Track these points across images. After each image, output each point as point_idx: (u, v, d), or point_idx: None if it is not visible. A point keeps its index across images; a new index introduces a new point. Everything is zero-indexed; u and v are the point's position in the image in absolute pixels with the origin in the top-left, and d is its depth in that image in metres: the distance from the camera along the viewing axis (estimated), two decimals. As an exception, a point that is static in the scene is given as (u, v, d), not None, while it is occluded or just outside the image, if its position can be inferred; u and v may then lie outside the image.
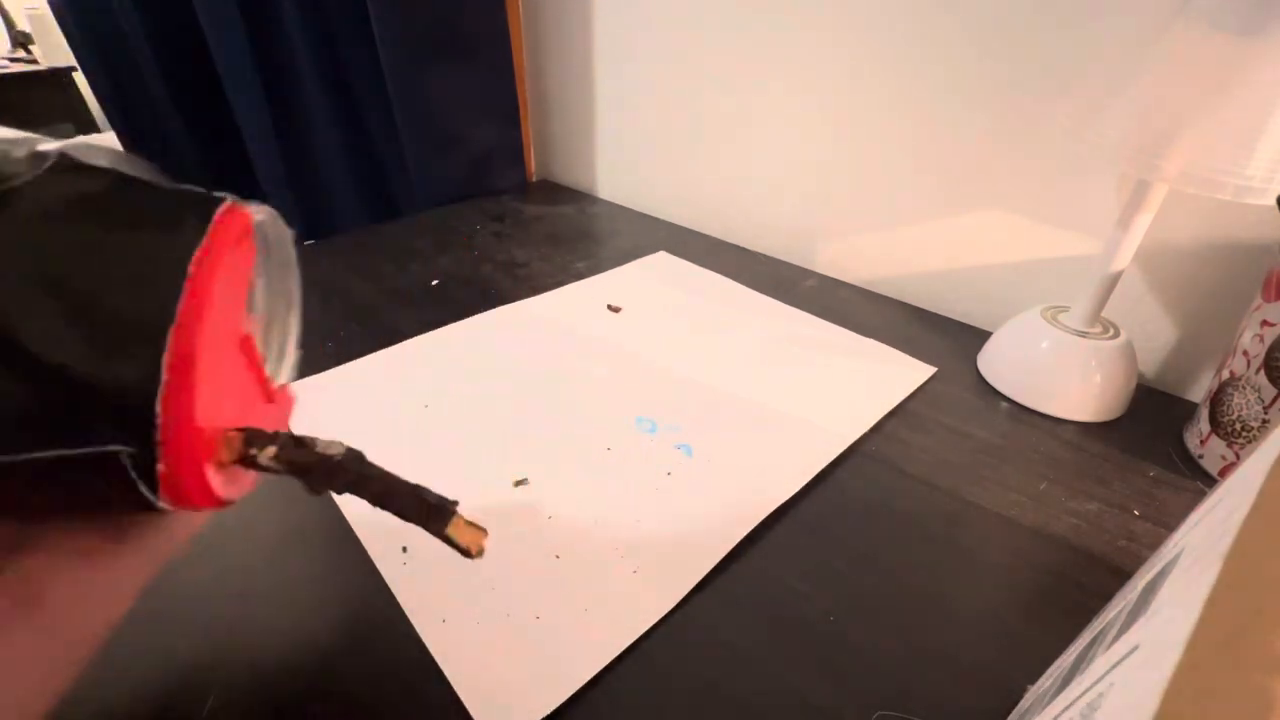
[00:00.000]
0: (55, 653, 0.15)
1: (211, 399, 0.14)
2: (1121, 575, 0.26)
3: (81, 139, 0.17)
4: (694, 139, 0.67)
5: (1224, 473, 0.36)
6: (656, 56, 0.66)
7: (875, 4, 0.50)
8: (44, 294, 0.12)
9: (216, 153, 0.88)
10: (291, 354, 0.20)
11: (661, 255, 0.61)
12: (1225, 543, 0.10)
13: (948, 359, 0.46)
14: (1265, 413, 0.34)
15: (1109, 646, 0.13)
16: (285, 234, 0.18)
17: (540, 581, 0.29)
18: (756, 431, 0.38)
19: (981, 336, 0.48)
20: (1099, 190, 0.45)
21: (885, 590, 0.29)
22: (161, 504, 0.13)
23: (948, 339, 0.49)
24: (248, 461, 0.15)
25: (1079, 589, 0.30)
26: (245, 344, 0.16)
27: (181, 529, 0.17)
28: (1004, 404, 0.42)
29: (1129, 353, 0.41)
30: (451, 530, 0.16)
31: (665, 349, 0.46)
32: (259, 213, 0.15)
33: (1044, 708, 0.17)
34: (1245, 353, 0.35)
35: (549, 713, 0.24)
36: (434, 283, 0.54)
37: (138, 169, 0.14)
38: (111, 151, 0.14)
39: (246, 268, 0.15)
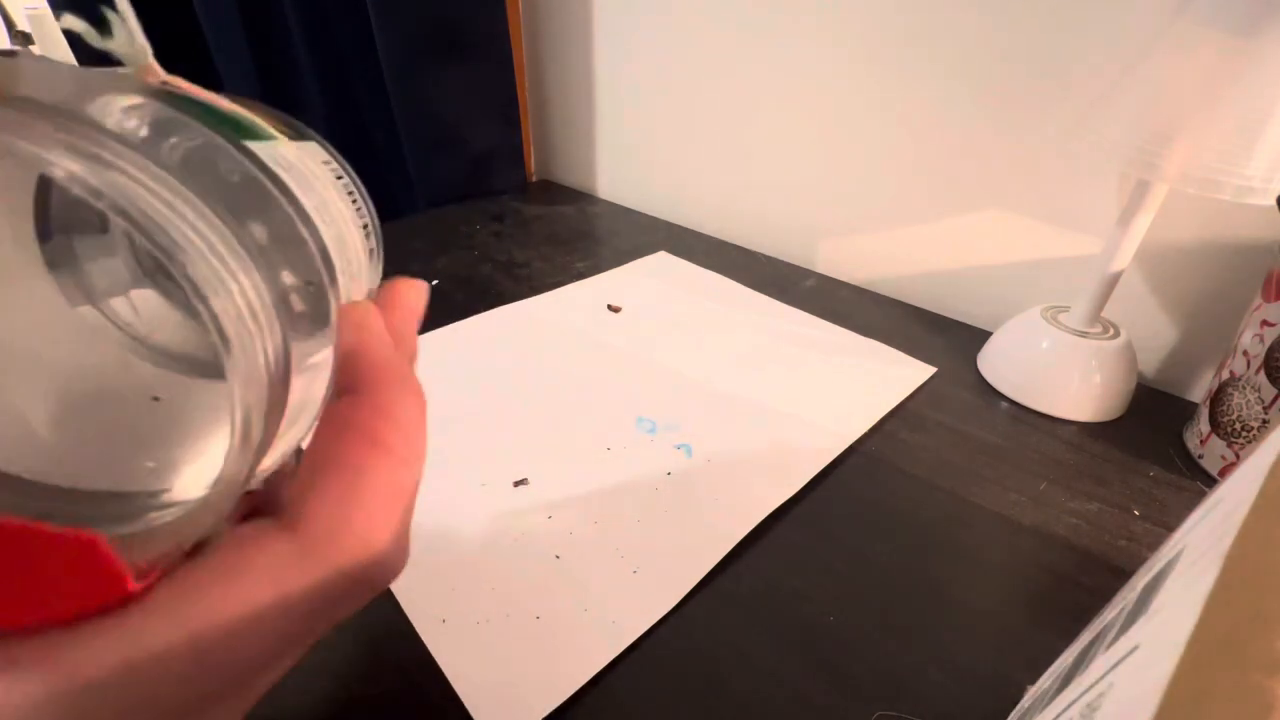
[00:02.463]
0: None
1: None
2: (1121, 575, 0.26)
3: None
4: (694, 139, 0.67)
5: (1224, 473, 0.36)
6: (656, 57, 0.66)
7: (875, 5, 0.50)
8: None
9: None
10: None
11: (661, 255, 0.61)
12: (1225, 543, 0.10)
13: (948, 359, 0.46)
14: (1265, 413, 0.34)
15: (1109, 646, 0.13)
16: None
17: (540, 581, 0.29)
18: (756, 431, 0.38)
19: (981, 336, 0.48)
20: (1099, 190, 0.45)
21: (885, 591, 0.29)
22: None
23: (948, 339, 0.49)
24: None
25: (1079, 589, 0.30)
26: None
27: None
28: (1004, 404, 0.42)
29: (1129, 353, 0.41)
30: None
31: (665, 349, 0.46)
32: None
33: (1044, 708, 0.17)
34: (1245, 353, 0.35)
35: (549, 713, 0.24)
36: (434, 283, 0.54)
37: None
38: None
39: None
